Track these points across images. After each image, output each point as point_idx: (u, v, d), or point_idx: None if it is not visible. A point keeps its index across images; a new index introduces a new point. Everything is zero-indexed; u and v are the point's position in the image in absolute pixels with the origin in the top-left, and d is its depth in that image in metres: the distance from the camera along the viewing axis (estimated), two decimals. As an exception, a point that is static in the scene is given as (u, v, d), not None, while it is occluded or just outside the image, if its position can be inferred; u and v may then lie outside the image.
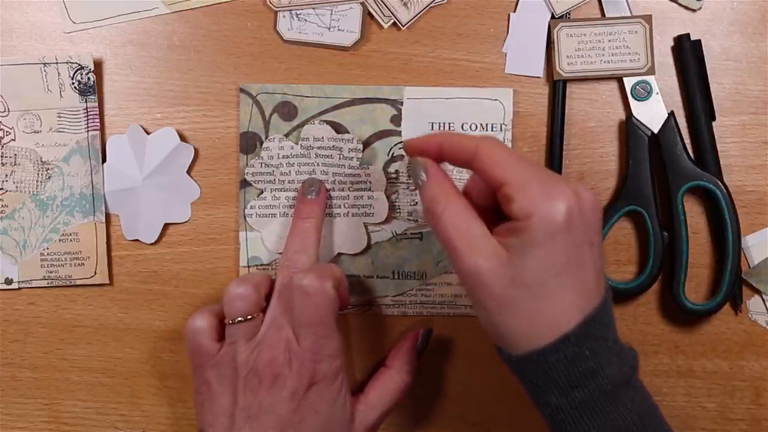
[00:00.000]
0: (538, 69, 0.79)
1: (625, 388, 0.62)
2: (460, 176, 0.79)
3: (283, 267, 0.74)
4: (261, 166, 0.79)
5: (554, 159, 0.79)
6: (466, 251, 0.61)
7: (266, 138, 0.79)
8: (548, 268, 0.60)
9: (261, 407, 0.68)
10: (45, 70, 0.79)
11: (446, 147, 0.66)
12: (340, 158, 0.79)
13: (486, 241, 0.61)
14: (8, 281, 0.81)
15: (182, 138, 0.80)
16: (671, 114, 0.78)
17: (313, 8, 0.79)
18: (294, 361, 0.69)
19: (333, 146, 0.79)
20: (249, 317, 0.71)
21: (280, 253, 0.80)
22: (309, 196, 0.78)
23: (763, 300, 0.80)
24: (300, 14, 0.79)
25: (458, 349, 0.81)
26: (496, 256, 0.60)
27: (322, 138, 0.79)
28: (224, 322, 0.72)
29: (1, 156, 0.80)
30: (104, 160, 0.80)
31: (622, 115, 0.79)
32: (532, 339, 0.61)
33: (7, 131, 0.79)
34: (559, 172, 0.79)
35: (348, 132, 0.79)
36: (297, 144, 0.79)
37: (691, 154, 0.78)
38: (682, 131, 0.78)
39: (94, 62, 0.79)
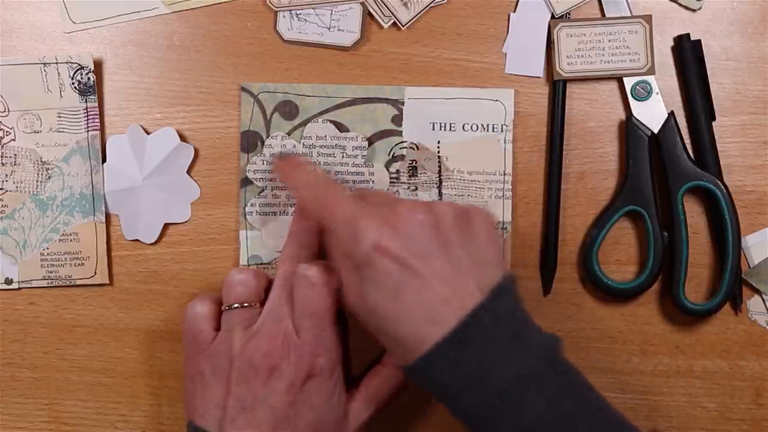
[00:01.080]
0: (538, 69, 0.79)
1: (528, 381, 0.62)
2: (461, 176, 0.79)
3: (285, 259, 0.73)
4: (263, 163, 0.79)
5: (554, 159, 0.79)
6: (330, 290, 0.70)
7: (267, 137, 0.79)
8: (381, 294, 0.63)
9: (255, 399, 0.67)
10: (45, 70, 0.79)
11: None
12: (342, 156, 0.79)
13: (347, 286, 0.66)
14: (8, 281, 0.81)
15: (182, 138, 0.80)
16: (671, 114, 0.78)
17: (313, 8, 0.79)
18: (292, 353, 0.68)
19: (336, 144, 0.79)
20: (247, 304, 0.71)
21: (281, 252, 0.80)
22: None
23: (763, 300, 0.80)
24: (300, 14, 0.79)
25: (458, 349, 0.81)
26: (351, 282, 0.65)
27: (325, 136, 0.79)
28: (222, 308, 0.72)
29: (1, 156, 0.80)
30: (104, 160, 0.80)
31: (622, 115, 0.79)
32: (404, 355, 0.64)
33: (7, 131, 0.79)
34: (559, 172, 0.79)
35: (349, 131, 0.79)
36: (299, 143, 0.79)
37: (691, 154, 0.78)
38: (682, 131, 0.78)
39: (94, 62, 0.79)
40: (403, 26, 0.79)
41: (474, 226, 0.66)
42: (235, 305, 0.71)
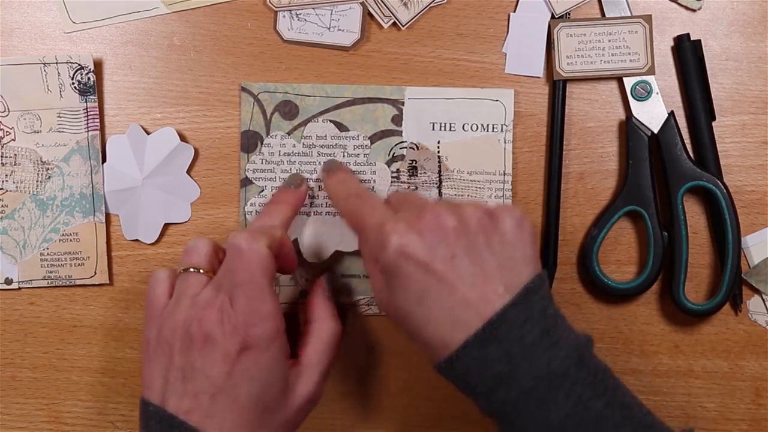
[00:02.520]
0: (538, 69, 0.79)
1: (557, 381, 0.62)
2: (461, 176, 0.79)
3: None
4: (262, 162, 0.79)
5: (554, 159, 0.79)
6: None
7: (267, 136, 0.79)
8: (407, 299, 0.65)
9: (194, 368, 0.66)
10: (45, 70, 0.79)
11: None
12: (343, 156, 0.79)
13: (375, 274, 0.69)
14: (8, 281, 0.81)
15: (182, 138, 0.80)
16: (671, 114, 0.78)
17: (313, 8, 0.79)
18: (226, 323, 0.66)
19: (336, 144, 0.79)
20: (198, 270, 0.71)
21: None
22: (290, 188, 0.78)
23: (763, 300, 0.80)
24: (300, 14, 0.79)
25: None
26: (381, 287, 0.68)
27: (326, 136, 0.79)
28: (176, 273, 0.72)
29: (1, 156, 0.80)
30: (104, 160, 0.80)
31: (622, 115, 0.79)
32: (434, 355, 0.66)
33: (7, 131, 0.79)
34: (559, 172, 0.79)
35: (349, 131, 0.79)
36: (299, 142, 0.79)
37: (691, 154, 0.78)
38: (682, 131, 0.78)
39: (94, 62, 0.79)
40: (403, 26, 0.79)
41: (501, 226, 0.66)
42: (190, 269, 0.71)
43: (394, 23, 0.79)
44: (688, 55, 0.78)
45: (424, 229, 0.65)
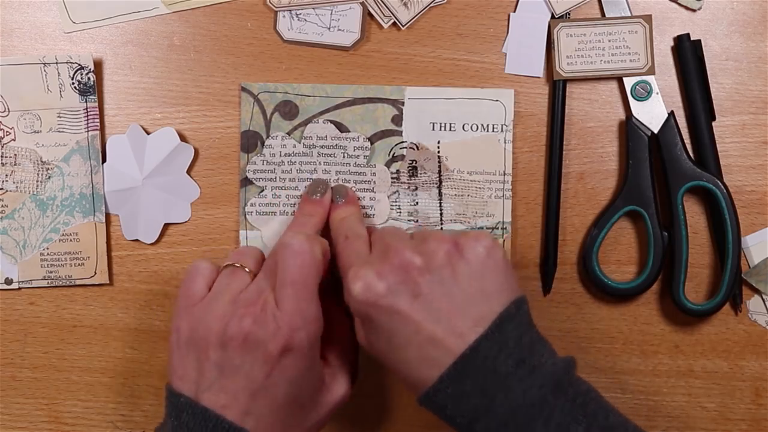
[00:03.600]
0: (538, 69, 0.79)
1: (533, 410, 0.62)
2: (461, 176, 0.79)
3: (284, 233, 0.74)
4: (263, 163, 0.79)
5: (554, 159, 0.79)
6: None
7: (267, 137, 0.79)
8: (378, 341, 0.67)
9: (233, 366, 0.67)
10: (45, 70, 0.79)
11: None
12: (344, 156, 0.79)
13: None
14: (8, 281, 0.81)
15: (182, 138, 0.80)
16: (671, 114, 0.78)
17: (313, 8, 0.79)
18: (270, 323, 0.66)
19: (336, 145, 0.79)
20: (242, 266, 0.71)
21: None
22: (314, 197, 0.77)
23: (763, 300, 0.80)
24: (300, 14, 0.79)
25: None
26: (358, 328, 0.71)
27: (326, 137, 0.79)
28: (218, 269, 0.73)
29: (1, 156, 0.80)
30: (104, 160, 0.80)
31: (622, 115, 0.79)
32: (414, 388, 0.67)
33: (7, 131, 0.79)
34: (559, 172, 0.79)
35: (350, 131, 0.79)
36: (299, 143, 0.79)
37: (691, 154, 0.78)
38: (682, 131, 0.78)
39: (94, 62, 0.79)
40: (403, 26, 0.79)
41: (468, 256, 0.67)
42: (229, 263, 0.72)
43: (394, 23, 0.79)
44: (688, 55, 0.78)
45: (387, 271, 0.66)
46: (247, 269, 0.71)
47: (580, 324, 0.81)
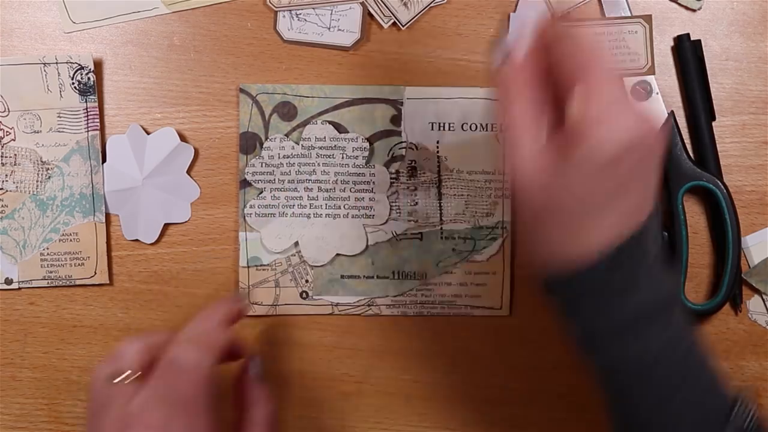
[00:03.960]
0: (538, 69, 0.79)
1: (656, 315, 0.60)
2: (461, 176, 0.79)
3: (177, 342, 0.68)
4: (261, 165, 0.79)
5: (554, 159, 0.79)
6: (515, 161, 0.58)
7: (266, 138, 0.79)
8: (592, 191, 0.57)
9: None
10: (45, 70, 0.79)
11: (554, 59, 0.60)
12: (342, 157, 0.79)
13: (536, 152, 0.58)
14: (8, 281, 0.81)
15: (182, 138, 0.80)
16: (671, 114, 0.78)
17: (313, 8, 0.79)
18: None
19: (335, 146, 0.79)
20: (124, 378, 0.66)
21: (279, 254, 0.80)
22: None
23: (763, 300, 0.80)
24: (300, 14, 0.79)
25: (458, 349, 0.81)
26: (546, 166, 0.57)
27: (324, 137, 0.79)
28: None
29: (1, 156, 0.80)
30: (104, 160, 0.80)
31: (622, 115, 0.79)
32: (567, 258, 0.59)
33: (7, 131, 0.79)
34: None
35: (348, 132, 0.79)
36: (298, 144, 0.79)
37: (691, 154, 0.78)
38: (682, 131, 0.78)
39: (94, 62, 0.79)
40: (403, 26, 0.79)
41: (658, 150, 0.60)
42: (116, 379, 0.66)
43: (394, 23, 0.79)
44: (688, 55, 0.78)
45: (645, 139, 0.57)
46: (129, 376, 0.66)
47: (580, 324, 0.81)
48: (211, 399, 0.65)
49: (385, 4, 0.79)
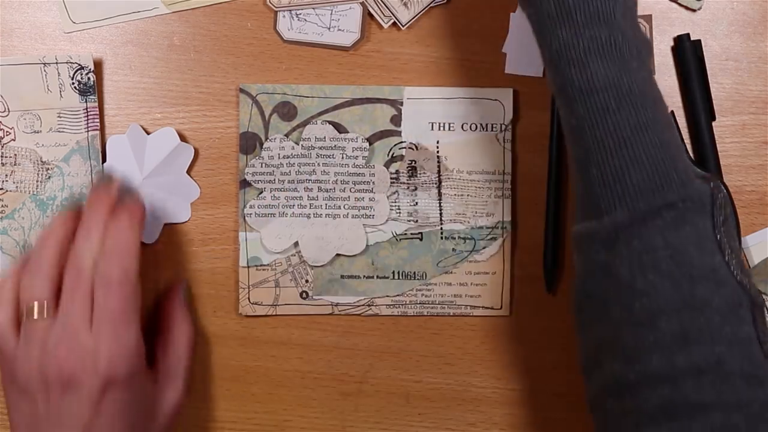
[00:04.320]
0: (538, 69, 0.79)
1: (631, 45, 0.62)
2: (461, 176, 0.79)
3: (77, 256, 0.70)
4: (261, 166, 0.79)
5: (554, 159, 0.79)
6: None
7: (266, 138, 0.79)
8: None
9: (60, 414, 0.65)
10: (45, 70, 0.79)
11: None
12: (342, 157, 0.79)
13: None
14: (8, 281, 0.81)
15: (182, 138, 0.79)
16: (671, 114, 0.77)
17: (313, 8, 0.79)
18: (88, 362, 0.65)
19: (335, 146, 0.79)
20: (40, 308, 0.68)
21: (279, 254, 0.80)
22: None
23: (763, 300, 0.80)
24: (300, 14, 0.79)
25: (458, 349, 0.81)
26: None
27: (324, 138, 0.79)
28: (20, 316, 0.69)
29: (1, 156, 0.80)
30: (104, 160, 0.80)
31: (622, 115, 0.79)
32: None
33: (7, 131, 0.79)
34: (560, 171, 0.79)
35: (348, 132, 0.79)
36: (297, 144, 0.79)
37: (691, 154, 0.78)
38: (682, 131, 0.78)
39: (94, 62, 0.79)
40: (403, 26, 0.79)
41: None
42: (34, 316, 0.68)
43: (394, 23, 0.79)
44: (688, 55, 0.78)
45: None
46: (44, 305, 0.68)
47: (580, 324, 0.81)
48: (137, 311, 0.67)
49: (385, 4, 0.79)
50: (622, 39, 0.61)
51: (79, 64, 0.79)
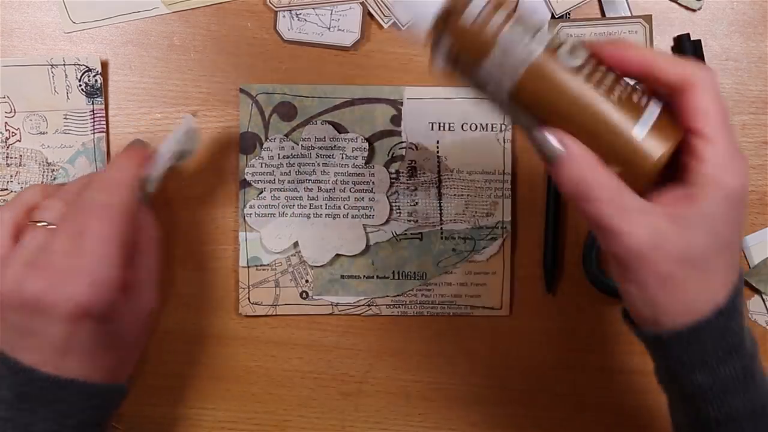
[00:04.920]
0: (538, 69, 0.79)
1: (757, 361, 0.60)
2: (461, 176, 0.79)
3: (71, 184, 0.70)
4: (261, 166, 0.80)
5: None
6: (623, 232, 0.56)
7: (266, 138, 0.80)
8: (714, 244, 0.57)
9: (31, 329, 0.63)
10: (52, 72, 0.79)
11: (650, 71, 0.59)
12: (342, 158, 0.79)
13: (645, 217, 0.56)
14: (11, 280, 0.81)
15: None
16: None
17: (313, 8, 0.79)
18: (67, 287, 0.63)
19: (335, 146, 0.79)
20: (42, 223, 0.66)
21: (279, 254, 0.80)
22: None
23: (763, 300, 0.79)
24: (300, 14, 0.79)
25: (458, 349, 0.81)
26: (658, 231, 0.56)
27: (324, 138, 0.79)
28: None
29: (7, 157, 0.80)
30: (110, 161, 0.80)
31: (623, 115, 0.79)
32: (686, 315, 0.58)
33: (13, 132, 0.80)
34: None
35: (348, 132, 0.79)
36: (297, 144, 0.79)
37: (692, 154, 0.78)
38: (682, 131, 0.78)
39: (101, 64, 0.79)
40: (403, 26, 0.79)
41: None
42: (37, 223, 0.66)
43: (394, 23, 0.79)
44: (688, 55, 0.78)
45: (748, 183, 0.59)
46: (49, 224, 0.66)
47: (582, 324, 0.81)
48: (125, 237, 0.65)
49: (385, 4, 0.79)
50: (750, 361, 0.60)
51: (87, 66, 0.79)
